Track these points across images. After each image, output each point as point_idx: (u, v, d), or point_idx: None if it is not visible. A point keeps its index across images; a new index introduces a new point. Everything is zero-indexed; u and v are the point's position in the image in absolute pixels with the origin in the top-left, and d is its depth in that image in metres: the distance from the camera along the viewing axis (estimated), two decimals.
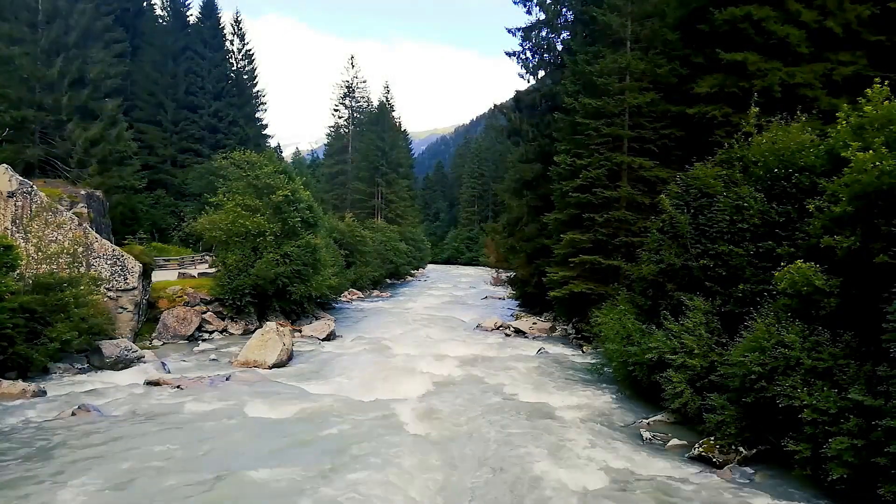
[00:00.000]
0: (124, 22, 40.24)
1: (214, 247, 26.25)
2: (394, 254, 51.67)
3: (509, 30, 28.94)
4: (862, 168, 8.86)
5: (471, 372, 16.66)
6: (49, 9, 27.71)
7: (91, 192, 23.20)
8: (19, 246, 15.60)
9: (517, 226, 30.97)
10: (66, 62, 27.77)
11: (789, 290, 9.73)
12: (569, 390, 14.85)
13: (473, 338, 23.11)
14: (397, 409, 12.52)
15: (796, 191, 11.41)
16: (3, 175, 17.56)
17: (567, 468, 9.59)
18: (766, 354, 9.48)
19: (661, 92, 19.97)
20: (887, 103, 9.62)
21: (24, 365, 13.97)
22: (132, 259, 19.10)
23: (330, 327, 23.16)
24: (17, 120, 26.25)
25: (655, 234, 14.48)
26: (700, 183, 13.41)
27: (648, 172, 19.77)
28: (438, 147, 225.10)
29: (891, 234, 8.60)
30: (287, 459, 9.56)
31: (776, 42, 16.67)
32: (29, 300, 14.31)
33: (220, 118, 45.42)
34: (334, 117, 69.51)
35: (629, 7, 21.35)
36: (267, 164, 25.19)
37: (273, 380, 15.23)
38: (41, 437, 10.26)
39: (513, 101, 31.85)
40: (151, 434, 10.63)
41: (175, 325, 20.64)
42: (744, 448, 9.97)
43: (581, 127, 20.65)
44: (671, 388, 11.54)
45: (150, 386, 14.03)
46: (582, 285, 20.26)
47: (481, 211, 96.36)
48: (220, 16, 47.88)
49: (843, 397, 8.34)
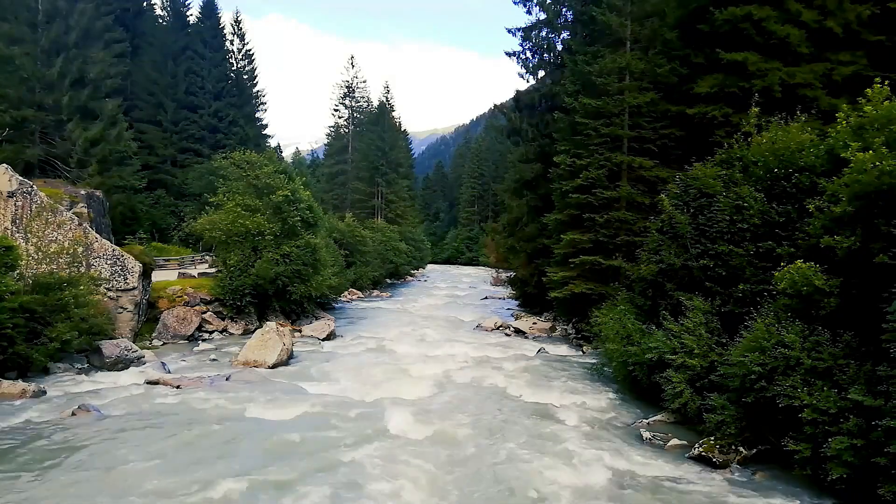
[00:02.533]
0: (124, 22, 40.28)
1: (214, 247, 26.27)
2: (394, 254, 51.66)
3: (509, 30, 29.04)
4: (862, 168, 8.87)
5: (471, 372, 16.66)
6: (49, 9, 27.74)
7: (91, 192, 23.21)
8: (19, 246, 15.61)
9: (517, 226, 30.98)
10: (66, 62, 27.79)
11: (789, 290, 9.73)
12: (569, 390, 14.84)
13: (473, 338, 23.10)
14: (397, 409, 12.51)
15: (796, 191, 11.41)
16: (3, 175, 17.57)
17: (567, 468, 9.60)
18: (766, 354, 9.48)
19: (661, 92, 19.96)
20: (887, 103, 9.63)
21: (24, 365, 13.97)
22: (132, 259, 19.10)
23: (330, 327, 23.16)
24: (17, 120, 26.26)
25: (655, 235, 14.47)
26: (700, 183, 13.39)
27: (648, 172, 19.77)
28: (438, 147, 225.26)
29: (891, 234, 8.60)
30: (287, 459, 9.56)
31: (776, 42, 16.67)
32: (29, 300, 14.29)
33: (220, 118, 45.44)
34: (334, 117, 69.62)
35: (629, 7, 21.37)
36: (267, 164, 25.22)
37: (273, 380, 15.23)
38: (41, 438, 10.26)
39: (513, 101, 31.87)
40: (151, 434, 10.63)
41: (175, 325, 20.64)
42: (744, 448, 9.97)
43: (581, 127, 20.66)
44: (671, 388, 11.54)
45: (150, 386, 14.03)
46: (582, 285, 20.25)
47: (481, 211, 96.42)
48: (220, 16, 47.97)
49: (843, 397, 8.35)
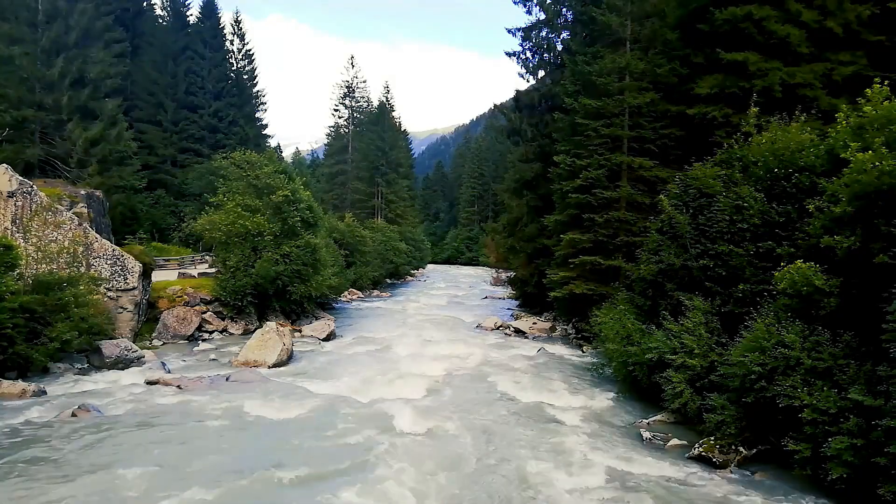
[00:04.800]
0: (124, 22, 40.33)
1: (214, 247, 26.24)
2: (394, 254, 51.67)
3: (509, 30, 29.02)
4: (862, 168, 8.87)
5: (471, 372, 16.66)
6: (49, 9, 27.73)
7: (91, 192, 23.21)
8: (19, 246, 15.61)
9: (517, 226, 30.98)
10: (66, 62, 27.79)
11: (789, 290, 9.74)
12: (569, 390, 14.85)
13: (473, 338, 23.10)
14: (397, 408, 12.52)
15: (796, 191, 11.42)
16: (3, 175, 17.57)
17: (567, 468, 9.60)
18: (766, 354, 9.49)
19: (661, 92, 19.95)
20: (887, 103, 9.62)
21: (24, 365, 13.97)
22: (132, 259, 19.10)
23: (330, 327, 23.16)
24: (17, 120, 26.25)
25: (655, 235, 14.48)
26: (700, 183, 13.40)
27: (648, 172, 19.76)
28: (438, 147, 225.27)
29: (891, 234, 8.61)
30: (287, 459, 9.56)
31: (777, 42, 16.67)
32: (29, 300, 14.29)
33: (220, 118, 45.48)
34: (334, 117, 69.64)
35: (629, 7, 21.36)
36: (267, 164, 25.22)
37: (273, 379, 15.22)
38: (41, 437, 10.26)
39: (513, 101, 31.85)
40: (151, 434, 10.63)
41: (175, 325, 20.64)
42: (744, 448, 9.97)
43: (581, 127, 20.65)
44: (671, 388, 11.55)
45: (150, 386, 14.04)
46: (582, 286, 20.24)
47: (481, 211, 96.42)
48: (220, 16, 48.04)
49: (843, 397, 8.35)
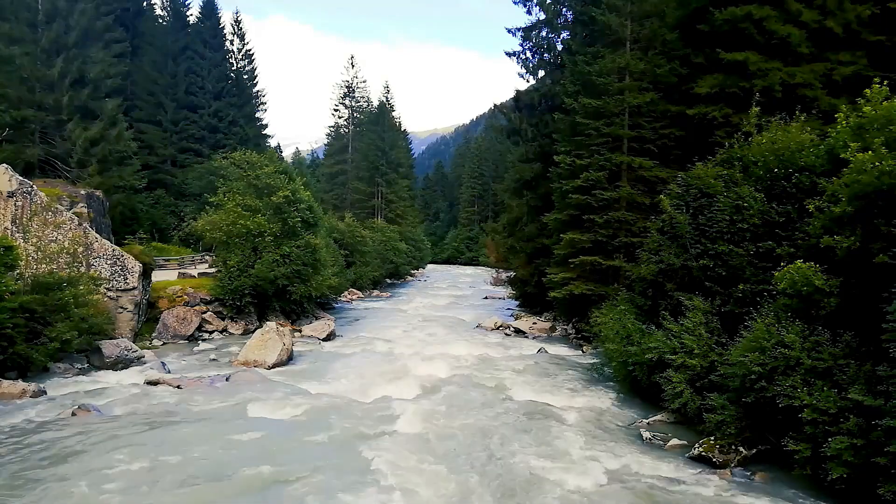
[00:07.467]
0: (124, 22, 40.24)
1: (214, 247, 26.26)
2: (394, 254, 51.66)
3: (509, 30, 28.99)
4: (862, 168, 8.87)
5: (471, 372, 16.66)
6: (49, 9, 27.70)
7: (91, 192, 23.23)
8: (19, 246, 15.62)
9: (517, 226, 30.97)
10: (66, 62, 27.77)
11: (789, 290, 9.73)
12: (569, 390, 14.86)
13: (473, 338, 23.09)
14: (397, 408, 12.52)
15: (796, 191, 11.41)
16: (3, 175, 17.57)
17: (567, 468, 9.61)
18: (766, 354, 9.48)
19: (661, 92, 19.95)
20: (887, 103, 9.62)
21: (24, 365, 13.98)
22: (132, 259, 19.10)
23: (330, 327, 23.16)
24: (17, 120, 26.23)
25: (655, 235, 14.47)
26: (700, 183, 13.39)
27: (648, 172, 19.76)
28: (438, 147, 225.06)
29: (891, 234, 8.60)
30: (287, 459, 9.56)
31: (777, 42, 16.67)
32: (29, 300, 14.31)
33: (220, 118, 45.42)
34: (334, 117, 69.61)
35: (629, 7, 21.35)
36: (267, 165, 25.23)
37: (273, 380, 15.22)
38: (41, 438, 10.26)
39: (513, 101, 31.85)
40: (151, 434, 10.63)
41: (175, 325, 20.65)
42: (744, 448, 9.97)
43: (581, 127, 20.65)
44: (671, 388, 11.55)
45: (150, 386, 14.04)
46: (582, 286, 20.24)
47: (481, 211, 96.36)
48: (220, 16, 47.93)
49: (843, 397, 8.34)
